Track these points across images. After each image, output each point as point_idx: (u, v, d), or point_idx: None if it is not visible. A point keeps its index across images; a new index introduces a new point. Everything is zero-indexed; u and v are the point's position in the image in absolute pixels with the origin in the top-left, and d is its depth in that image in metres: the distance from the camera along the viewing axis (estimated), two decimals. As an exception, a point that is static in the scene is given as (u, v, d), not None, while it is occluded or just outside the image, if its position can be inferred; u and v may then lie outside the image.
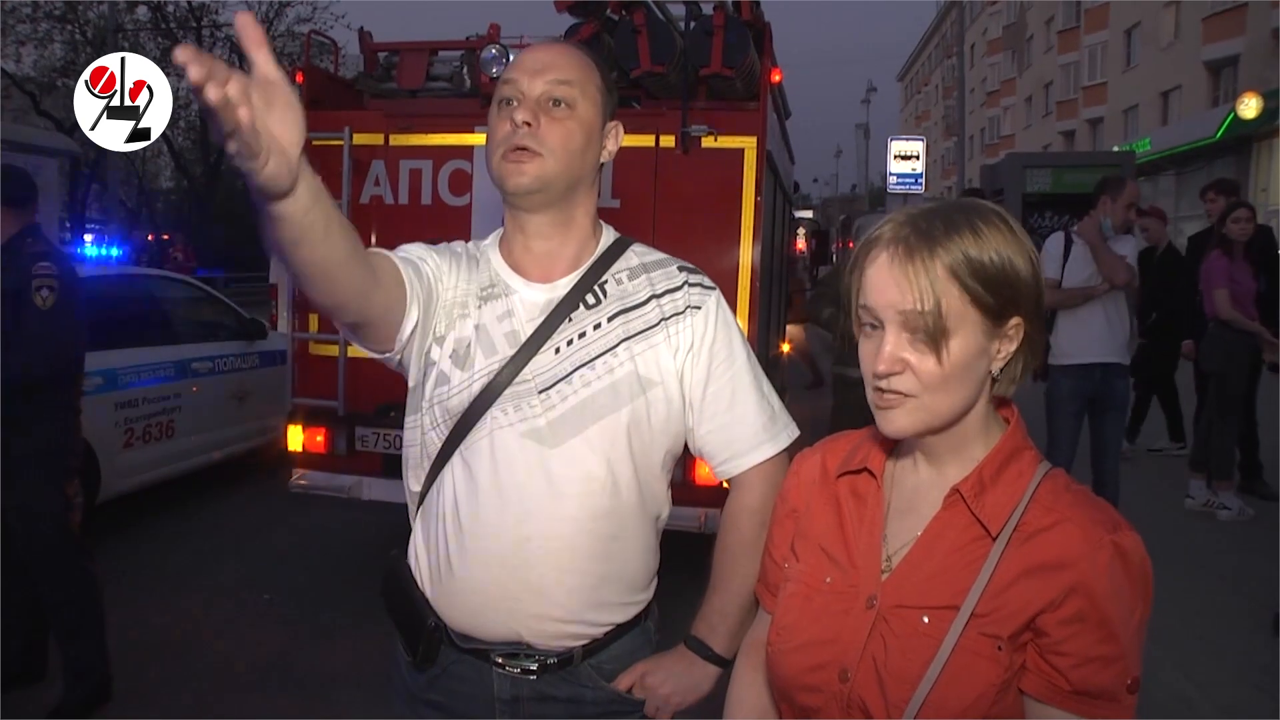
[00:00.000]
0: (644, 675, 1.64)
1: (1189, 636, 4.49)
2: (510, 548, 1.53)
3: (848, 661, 1.19)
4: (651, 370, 1.59)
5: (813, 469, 1.39)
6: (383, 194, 5.04)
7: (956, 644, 1.12)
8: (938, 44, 65.11)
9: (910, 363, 1.13)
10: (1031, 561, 1.13)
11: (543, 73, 1.53)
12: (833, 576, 1.26)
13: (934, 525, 1.21)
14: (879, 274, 1.15)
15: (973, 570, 1.15)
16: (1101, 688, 1.10)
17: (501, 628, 1.57)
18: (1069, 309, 5.30)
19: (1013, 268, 1.14)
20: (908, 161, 24.96)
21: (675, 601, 1.84)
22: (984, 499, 1.17)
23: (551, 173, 1.53)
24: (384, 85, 5.51)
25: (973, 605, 1.13)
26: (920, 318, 1.11)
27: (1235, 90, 26.59)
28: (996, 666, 1.11)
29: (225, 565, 5.57)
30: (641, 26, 4.71)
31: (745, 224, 4.65)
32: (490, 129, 1.57)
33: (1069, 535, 1.13)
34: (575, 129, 1.55)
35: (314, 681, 4.18)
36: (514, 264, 1.63)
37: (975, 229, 1.14)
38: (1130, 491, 5.59)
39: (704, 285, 1.67)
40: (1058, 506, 1.16)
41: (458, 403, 1.55)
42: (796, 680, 1.25)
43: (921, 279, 1.11)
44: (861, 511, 1.28)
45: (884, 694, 1.15)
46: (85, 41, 24.58)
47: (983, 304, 1.13)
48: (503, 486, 1.53)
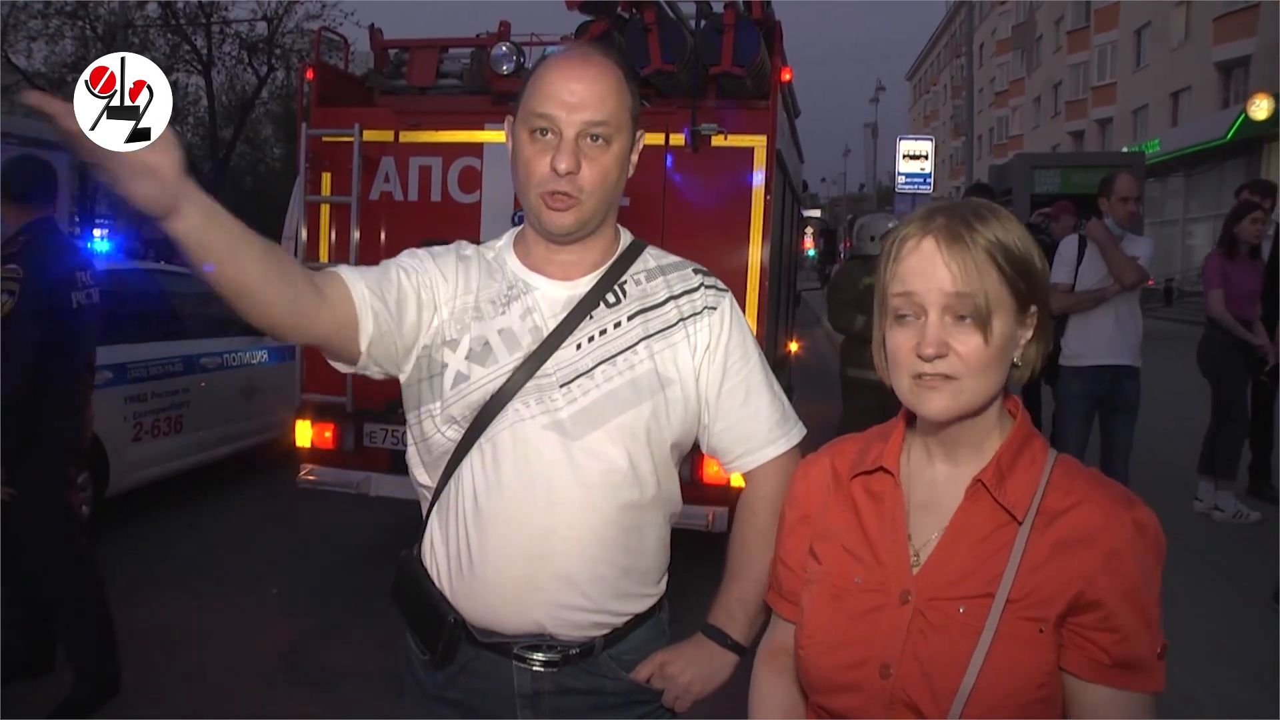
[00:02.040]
0: (663, 664, 1.66)
1: (1197, 637, 4.48)
2: (537, 538, 1.54)
3: (888, 658, 1.21)
4: (670, 369, 1.61)
5: (823, 473, 1.41)
6: (392, 191, 5.05)
7: (996, 630, 1.15)
8: (947, 43, 64.97)
9: (953, 346, 1.17)
10: (1056, 542, 1.16)
11: (580, 109, 1.50)
12: (861, 576, 1.27)
13: (959, 517, 1.24)
14: (922, 261, 1.19)
15: (1002, 557, 1.18)
16: (1139, 658, 1.15)
17: (525, 620, 1.58)
18: (1081, 311, 5.28)
19: (1031, 256, 1.20)
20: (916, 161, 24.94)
21: (683, 599, 1.84)
22: (1005, 486, 1.21)
23: (590, 212, 1.56)
24: (394, 82, 5.52)
25: (1007, 591, 1.16)
26: (968, 299, 1.16)
27: (1246, 91, 26.50)
28: (1039, 650, 1.15)
29: (233, 560, 5.58)
30: (652, 24, 4.71)
31: (755, 223, 4.65)
32: (524, 158, 1.54)
33: (1090, 514, 1.17)
34: (611, 165, 1.56)
35: (323, 677, 4.19)
36: (534, 265, 1.64)
37: (1000, 219, 1.20)
38: (1139, 492, 5.57)
39: (718, 287, 1.71)
40: (1075, 488, 1.21)
41: (479, 396, 1.56)
42: (832, 680, 1.26)
43: (969, 262, 1.16)
44: (880, 510, 1.30)
45: (930, 687, 1.17)
46: (96, 38, 24.61)
47: (1015, 289, 1.18)
48: (529, 478, 1.54)
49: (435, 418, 1.61)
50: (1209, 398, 6.91)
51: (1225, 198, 26.88)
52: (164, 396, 6.12)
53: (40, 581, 3.74)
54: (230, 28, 26.60)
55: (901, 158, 25.05)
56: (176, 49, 25.66)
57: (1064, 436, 5.43)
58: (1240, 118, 24.95)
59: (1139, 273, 5.24)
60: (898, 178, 25.08)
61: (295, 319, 1.39)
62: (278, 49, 26.92)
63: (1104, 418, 5.32)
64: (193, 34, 26.07)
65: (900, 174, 24.99)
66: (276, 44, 26.77)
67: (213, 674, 4.18)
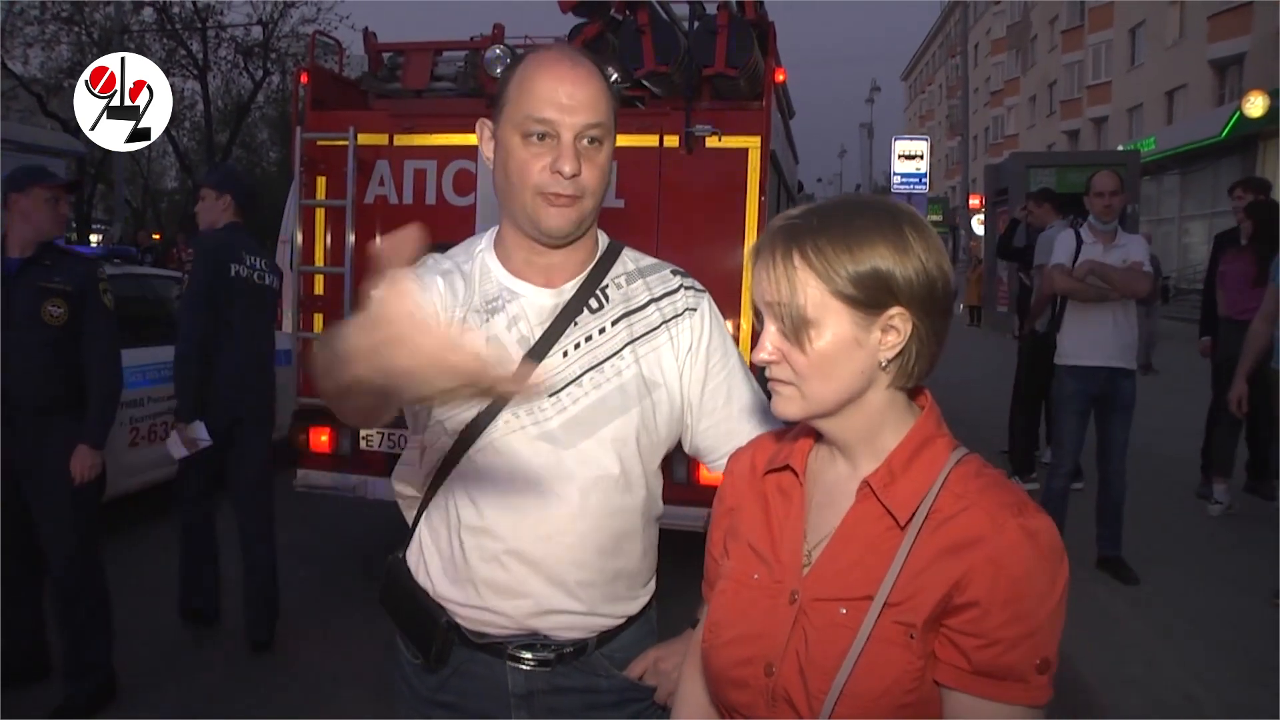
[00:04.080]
0: (657, 661, 1.68)
1: (1195, 635, 4.49)
2: (530, 546, 1.55)
3: (773, 656, 1.22)
4: (655, 372, 1.62)
5: (744, 467, 1.42)
6: (387, 194, 5.05)
7: (870, 633, 1.15)
8: (942, 43, 65.02)
9: (785, 353, 1.19)
10: (941, 547, 1.15)
11: (577, 112, 1.50)
12: (760, 573, 1.28)
13: (849, 518, 1.23)
14: (755, 270, 1.22)
15: (886, 560, 1.17)
16: (1008, 668, 1.11)
17: (518, 624, 1.58)
18: (1080, 307, 5.28)
19: (884, 261, 1.15)
20: (911, 161, 25.03)
21: (679, 601, 1.84)
22: (893, 489, 1.20)
23: (587, 212, 1.56)
24: (388, 85, 5.52)
25: (886, 594, 1.15)
26: (782, 309, 1.18)
27: (1241, 89, 26.55)
28: (909, 654, 1.13)
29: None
30: (645, 26, 4.71)
31: (750, 224, 4.65)
32: (518, 161, 1.52)
33: (974, 519, 1.15)
34: (605, 165, 1.57)
35: (319, 679, 4.19)
36: (516, 270, 1.63)
37: (849, 225, 1.17)
38: (1137, 492, 5.59)
39: (696, 288, 1.72)
40: (967, 493, 1.18)
41: (471, 411, 1.56)
42: (725, 675, 1.27)
43: (778, 271, 1.17)
44: (786, 508, 1.31)
45: (805, 686, 1.17)
46: (92, 43, 24.56)
47: (846, 296, 1.16)
48: (520, 487, 1.55)
49: (429, 432, 1.62)
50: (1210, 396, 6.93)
51: (1220, 196, 26.87)
52: (160, 401, 6.09)
53: (56, 580, 3.78)
54: (226, 32, 26.60)
55: (897, 158, 25.15)
56: (172, 54, 25.62)
57: (1060, 435, 5.44)
58: (1235, 115, 25.00)
59: (1149, 280, 5.29)
60: (893, 178, 25.16)
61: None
62: (273, 53, 26.93)
63: (1100, 417, 5.32)
64: (188, 39, 26.06)
65: (896, 174, 25.08)
66: (272, 48, 26.78)
67: (206, 676, 4.19)
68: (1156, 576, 5.15)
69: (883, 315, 1.17)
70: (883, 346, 1.18)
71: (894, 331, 1.18)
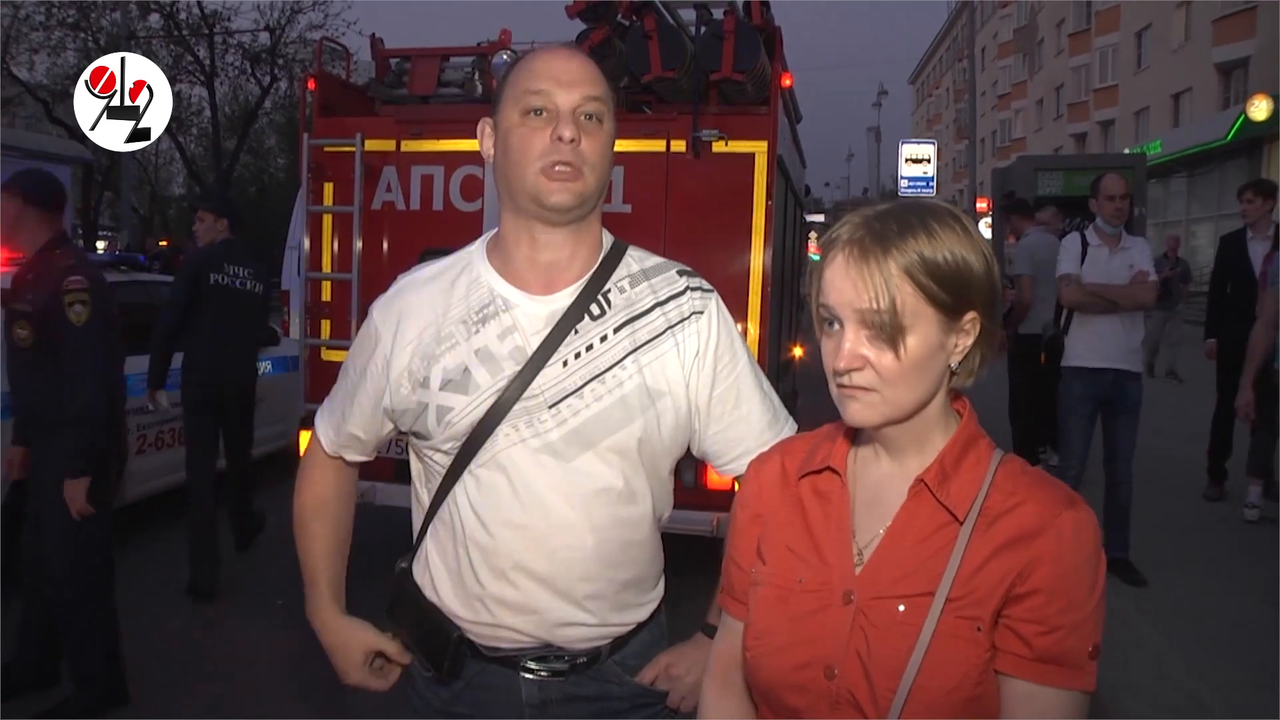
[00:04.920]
0: (668, 666, 1.68)
1: (1202, 637, 4.47)
2: (537, 560, 1.53)
3: (832, 658, 1.21)
4: (660, 381, 1.58)
5: (772, 472, 1.40)
6: (394, 200, 5.06)
7: (935, 629, 1.15)
8: (949, 47, 65.01)
9: (869, 359, 1.17)
10: (998, 543, 1.17)
11: (576, 86, 1.50)
12: (805, 576, 1.27)
13: (901, 516, 1.24)
14: (836, 275, 1.18)
15: (943, 556, 1.18)
16: (1065, 653, 1.14)
17: (529, 637, 1.58)
18: (1087, 313, 5.28)
19: (966, 265, 1.17)
20: (919, 165, 24.96)
21: (690, 605, 1.85)
22: (948, 486, 1.21)
23: (591, 188, 1.54)
24: (396, 91, 5.53)
25: (947, 590, 1.16)
26: (876, 316, 1.15)
27: (1246, 92, 26.47)
28: (977, 648, 1.15)
29: (238, 570, 5.59)
30: (652, 31, 4.72)
31: (756, 229, 4.65)
32: (519, 137, 1.52)
33: (1030, 513, 1.17)
34: (606, 143, 1.55)
35: (327, 689, 4.17)
36: (512, 276, 1.60)
37: (929, 229, 1.17)
38: (1145, 493, 5.58)
39: (703, 289, 1.67)
40: (1017, 490, 1.21)
41: (466, 425, 1.54)
42: (782, 681, 1.26)
43: (876, 279, 1.15)
44: (827, 509, 1.30)
45: (871, 686, 1.17)
46: (98, 49, 24.59)
47: (938, 301, 1.16)
48: (524, 502, 1.53)
49: (423, 449, 1.63)
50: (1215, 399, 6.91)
51: (1226, 198, 26.87)
52: (167, 409, 6.11)
53: (57, 586, 3.72)
54: (233, 38, 26.73)
55: (904, 161, 25.07)
56: (179, 60, 25.76)
57: (1067, 437, 5.43)
58: (1240, 119, 24.93)
59: (1154, 291, 5.29)
60: (901, 181, 25.09)
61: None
62: (280, 59, 27.03)
63: (1107, 419, 5.31)
64: (195, 45, 26.17)
65: (903, 178, 25.01)
66: (279, 54, 26.88)
67: (216, 685, 4.19)
68: (1163, 579, 5.13)
69: (963, 319, 1.19)
70: (955, 350, 1.20)
71: (966, 335, 1.20)
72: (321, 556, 1.78)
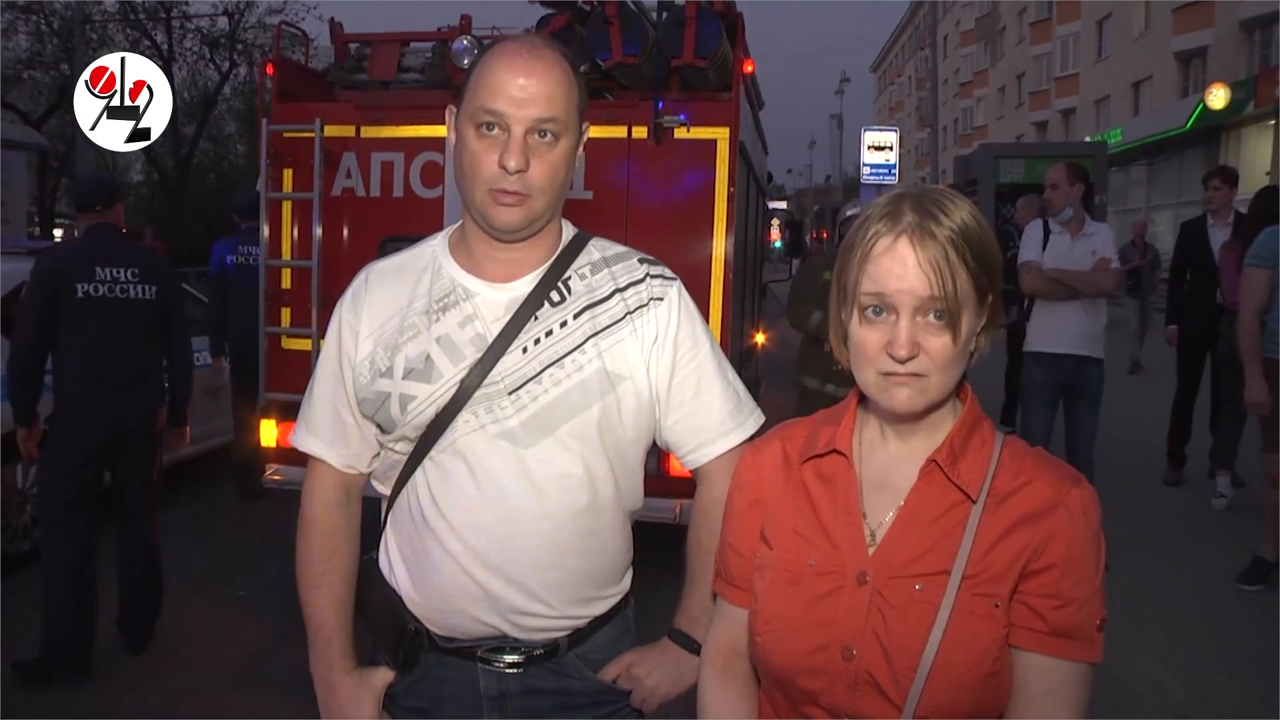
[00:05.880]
0: (630, 666, 1.66)
1: (1162, 621, 4.54)
2: (493, 548, 1.52)
3: (850, 639, 1.22)
4: (620, 365, 1.57)
5: (773, 457, 1.40)
6: (354, 186, 5.00)
7: (953, 606, 1.17)
8: (911, 35, 65.29)
9: (923, 345, 1.18)
10: (1010, 520, 1.20)
11: (529, 105, 1.46)
12: (815, 559, 1.28)
13: (913, 496, 1.26)
14: (895, 263, 1.18)
15: (956, 535, 1.21)
16: (1078, 626, 1.18)
17: (485, 626, 1.56)
18: (1049, 300, 5.32)
19: (992, 241, 1.21)
20: (881, 152, 25.09)
21: (651, 594, 1.84)
22: (958, 466, 1.24)
23: (539, 209, 1.52)
24: (355, 77, 5.46)
25: (963, 567, 1.18)
26: (939, 301, 1.16)
27: (1204, 81, 26.84)
28: (995, 625, 1.17)
29: (199, 561, 5.53)
30: (614, 17, 4.69)
31: (719, 215, 4.65)
32: (470, 153, 1.50)
33: (1039, 491, 1.21)
34: (560, 162, 1.52)
35: (289, 678, 4.13)
36: (473, 267, 1.59)
37: (961, 205, 1.21)
38: (1105, 478, 5.64)
39: (665, 276, 1.66)
40: (1024, 469, 1.24)
41: (431, 413, 1.53)
42: (797, 665, 1.26)
43: (941, 262, 1.16)
44: (833, 492, 1.31)
45: (890, 665, 1.18)
46: (51, 32, 24.16)
47: (979, 283, 1.19)
48: (482, 488, 1.52)
49: (386, 442, 1.61)
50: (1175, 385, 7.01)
51: (1186, 186, 27.27)
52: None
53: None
54: (191, 23, 26.30)
55: (867, 149, 25.19)
56: (136, 44, 25.27)
57: (1029, 423, 5.49)
58: (1199, 107, 25.28)
59: (1116, 277, 5.33)
60: (863, 169, 25.21)
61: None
62: (239, 44, 26.66)
63: (1068, 405, 5.37)
64: (153, 29, 25.73)
65: (866, 165, 25.12)
66: (238, 39, 26.50)
67: (178, 676, 4.15)
68: (1125, 564, 5.21)
69: (988, 301, 1.22)
70: (980, 331, 1.24)
71: (983, 319, 1.23)
72: (335, 614, 1.68)
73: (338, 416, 1.66)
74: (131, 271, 4.13)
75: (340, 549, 1.69)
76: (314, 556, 1.68)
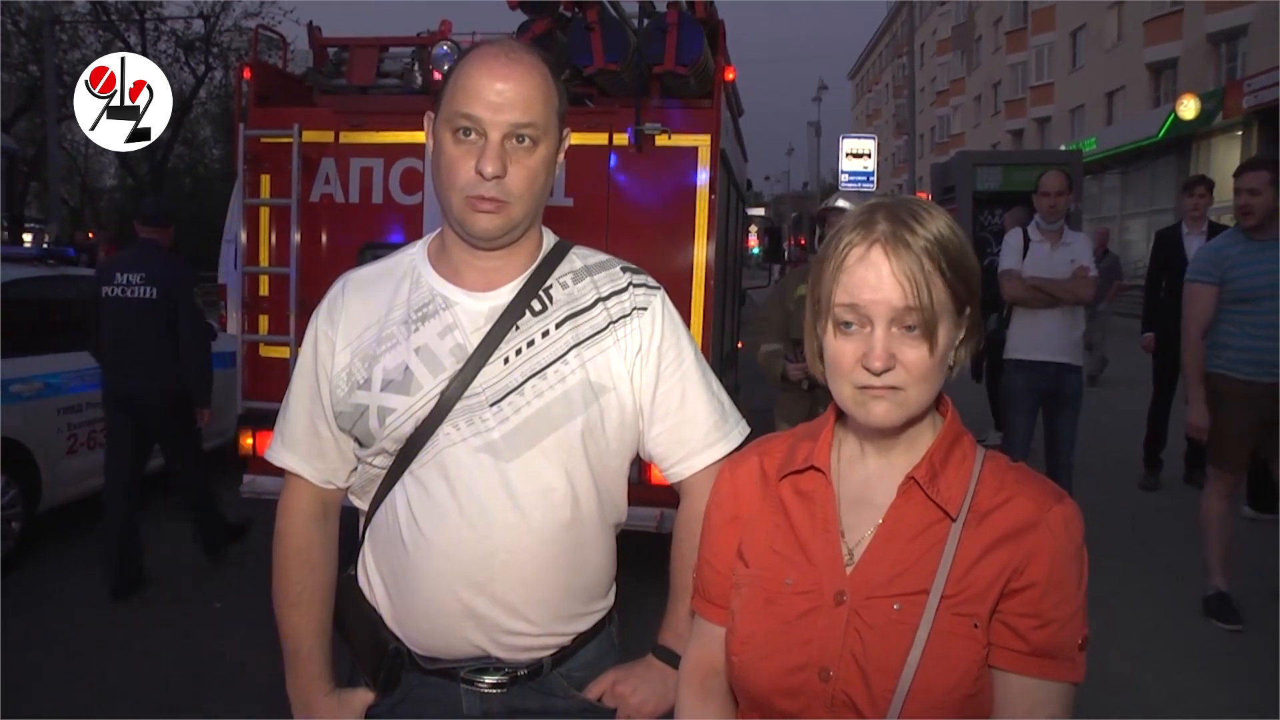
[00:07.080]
0: (614, 684, 1.62)
1: (1140, 625, 4.57)
2: (474, 564, 1.48)
3: (827, 660, 1.18)
4: (603, 376, 1.54)
5: (750, 473, 1.37)
6: (333, 192, 4.97)
7: (932, 627, 1.14)
8: (888, 43, 65.76)
9: (899, 357, 1.15)
10: (991, 538, 1.17)
11: (506, 110, 1.43)
12: (793, 577, 1.24)
13: (891, 514, 1.23)
14: (869, 272, 1.16)
15: (935, 554, 1.18)
16: (1059, 646, 1.15)
17: (468, 645, 1.52)
18: (1028, 307, 5.35)
19: (968, 252, 1.19)
20: (859, 159, 25.26)
21: (634, 605, 1.81)
22: (938, 483, 1.21)
23: (517, 217, 1.48)
24: (334, 82, 5.42)
25: (941, 587, 1.15)
26: (914, 312, 1.14)
27: (1176, 91, 27.18)
28: (976, 645, 1.14)
29: (175, 573, 5.45)
30: (595, 24, 4.68)
31: (699, 222, 4.64)
32: (448, 159, 1.46)
33: (1021, 508, 1.18)
34: (538, 168, 1.48)
35: (266, 692, 4.09)
36: (453, 276, 1.56)
37: (936, 215, 1.18)
38: (1084, 485, 5.67)
39: (648, 285, 1.63)
40: (1004, 486, 1.21)
41: (409, 426, 1.50)
42: (774, 686, 1.23)
43: (916, 272, 1.14)
44: (811, 509, 1.28)
45: (868, 687, 1.15)
46: (19, 32, 23.90)
47: (956, 294, 1.17)
48: (462, 503, 1.48)
49: (364, 456, 1.57)
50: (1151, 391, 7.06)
51: (1159, 194, 27.60)
52: (99, 407, 5.93)
53: None
54: (165, 25, 26.09)
55: (845, 156, 25.36)
56: (109, 46, 25.01)
57: (1010, 430, 5.51)
58: (1170, 117, 25.59)
59: (1093, 285, 5.35)
60: (841, 176, 25.36)
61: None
62: (215, 47, 26.49)
63: (1048, 412, 5.39)
64: (125, 31, 25.50)
65: (844, 172, 25.28)
66: (214, 42, 26.33)
67: (154, 689, 4.08)
68: (1103, 568, 5.23)
69: (965, 314, 1.20)
70: (958, 344, 1.22)
71: (962, 331, 1.21)
72: (313, 634, 1.64)
73: (314, 430, 1.62)
74: (140, 275, 5.06)
75: (318, 567, 1.65)
76: (291, 575, 1.64)
